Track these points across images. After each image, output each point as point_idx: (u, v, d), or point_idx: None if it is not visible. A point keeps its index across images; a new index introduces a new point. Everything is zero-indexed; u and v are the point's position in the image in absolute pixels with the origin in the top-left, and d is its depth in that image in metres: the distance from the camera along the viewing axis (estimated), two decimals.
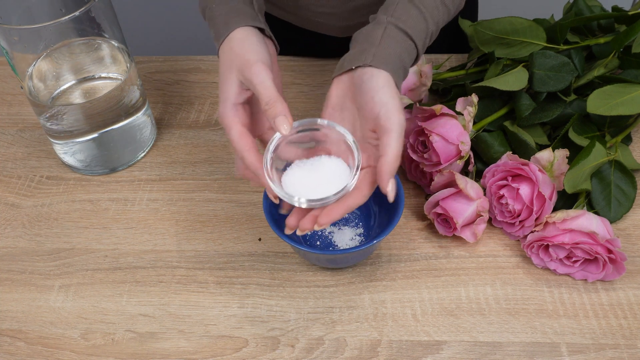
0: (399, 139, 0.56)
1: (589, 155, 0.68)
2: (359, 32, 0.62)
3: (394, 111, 0.56)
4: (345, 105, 0.60)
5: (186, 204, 0.78)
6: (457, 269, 0.70)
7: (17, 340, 0.66)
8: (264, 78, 0.58)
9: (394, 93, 0.57)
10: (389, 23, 0.60)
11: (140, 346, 0.65)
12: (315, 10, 0.86)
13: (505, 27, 0.78)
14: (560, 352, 0.63)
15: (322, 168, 0.59)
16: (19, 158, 0.84)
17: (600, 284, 0.68)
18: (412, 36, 0.60)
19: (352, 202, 0.58)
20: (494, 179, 0.70)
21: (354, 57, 0.59)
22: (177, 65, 0.95)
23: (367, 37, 0.60)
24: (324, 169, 0.59)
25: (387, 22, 0.60)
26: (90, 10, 0.69)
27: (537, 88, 0.74)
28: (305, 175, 0.59)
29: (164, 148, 0.84)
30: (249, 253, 0.72)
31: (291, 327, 0.66)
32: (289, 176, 0.59)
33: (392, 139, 0.56)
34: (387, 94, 0.57)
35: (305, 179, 0.58)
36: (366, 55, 0.59)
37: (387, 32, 0.60)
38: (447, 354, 0.63)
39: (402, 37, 0.60)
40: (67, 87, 0.77)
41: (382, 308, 0.67)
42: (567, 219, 0.66)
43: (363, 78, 0.58)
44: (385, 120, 0.56)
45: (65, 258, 0.73)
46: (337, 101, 0.61)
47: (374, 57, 0.58)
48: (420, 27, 0.61)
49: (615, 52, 0.76)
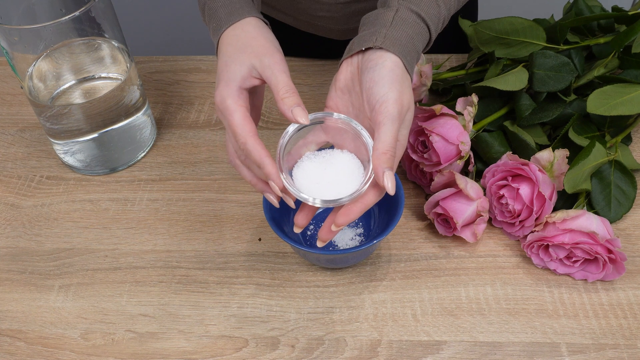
0: (390, 130, 0.54)
1: (589, 155, 0.69)
2: (368, 15, 0.60)
3: (390, 102, 0.54)
4: (354, 89, 0.58)
5: (186, 204, 0.78)
6: (457, 269, 0.70)
7: (17, 340, 0.66)
8: (285, 68, 0.57)
9: (396, 80, 0.55)
10: (401, 5, 0.58)
11: (140, 346, 0.65)
12: (315, 14, 0.86)
13: (505, 27, 0.78)
14: (560, 352, 0.63)
15: (334, 163, 0.56)
16: (19, 158, 0.84)
17: (600, 284, 0.68)
18: (426, 19, 0.58)
19: (369, 200, 0.55)
20: (494, 179, 0.70)
21: (364, 39, 0.57)
22: (177, 65, 0.95)
23: (377, 18, 0.58)
24: (336, 163, 0.56)
25: (399, 5, 0.58)
26: (90, 10, 0.69)
27: (537, 88, 0.74)
28: (317, 170, 0.56)
29: (164, 148, 0.84)
30: (249, 253, 0.72)
31: (291, 327, 0.66)
32: (300, 170, 0.56)
33: (382, 132, 0.54)
34: (387, 84, 0.55)
35: (317, 175, 0.56)
36: (377, 36, 0.56)
37: (399, 14, 0.58)
38: (447, 354, 0.63)
39: (415, 19, 0.58)
40: (67, 87, 0.77)
41: (382, 308, 0.67)
42: (567, 219, 0.66)
43: (368, 65, 0.56)
44: (378, 113, 0.54)
45: (65, 258, 0.73)
46: (345, 84, 0.59)
47: (385, 38, 0.56)
48: (433, 11, 0.59)
49: (615, 52, 0.76)
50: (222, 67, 0.59)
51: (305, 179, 0.56)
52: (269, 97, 0.89)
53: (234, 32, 0.60)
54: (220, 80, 0.58)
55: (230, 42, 0.59)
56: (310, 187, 0.55)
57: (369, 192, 0.56)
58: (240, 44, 0.58)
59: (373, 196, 0.56)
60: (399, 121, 0.55)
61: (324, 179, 0.56)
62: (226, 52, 0.59)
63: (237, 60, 0.58)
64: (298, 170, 0.57)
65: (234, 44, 0.59)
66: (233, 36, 0.59)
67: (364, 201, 0.55)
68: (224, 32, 0.60)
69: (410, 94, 0.56)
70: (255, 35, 0.59)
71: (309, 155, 0.57)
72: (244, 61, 0.58)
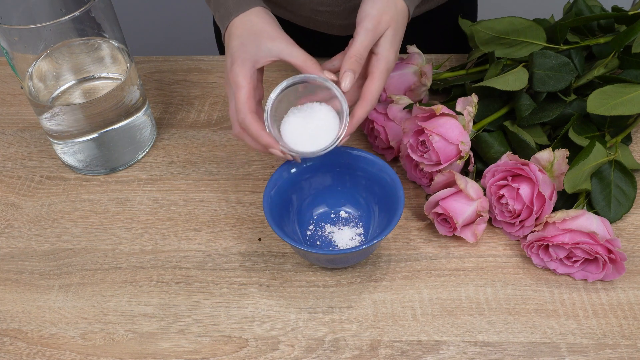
0: (361, 39, 0.63)
1: (589, 155, 0.68)
2: None
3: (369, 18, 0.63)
4: None
5: (186, 204, 0.78)
6: (457, 269, 0.70)
7: (17, 340, 0.66)
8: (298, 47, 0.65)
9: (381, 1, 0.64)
10: None
11: (140, 346, 0.65)
12: (316, 8, 0.86)
13: (505, 27, 0.78)
14: (560, 352, 0.63)
15: (315, 116, 0.65)
16: (19, 158, 0.84)
17: (600, 284, 0.68)
18: None
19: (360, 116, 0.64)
20: (494, 179, 0.70)
21: None
22: (177, 65, 0.95)
23: None
24: (317, 116, 0.65)
25: None
26: (90, 10, 0.69)
27: (537, 88, 0.74)
28: (301, 124, 0.65)
29: (164, 148, 0.84)
30: (249, 253, 0.72)
31: (291, 327, 0.66)
32: (286, 125, 0.65)
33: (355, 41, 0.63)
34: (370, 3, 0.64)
35: (301, 128, 0.65)
36: None
37: None
38: (447, 354, 0.63)
39: None
40: (67, 87, 0.77)
41: (382, 308, 0.67)
42: (567, 219, 0.66)
43: None
44: (357, 27, 0.64)
45: (65, 258, 0.73)
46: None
47: None
48: None
49: (615, 52, 0.76)
50: (237, 46, 0.65)
51: (292, 132, 0.65)
52: (268, 93, 0.89)
53: (248, 17, 0.66)
54: (237, 58, 0.65)
55: (244, 27, 0.66)
56: (296, 140, 0.65)
57: (357, 110, 0.65)
58: (256, 29, 0.65)
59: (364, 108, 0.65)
60: (373, 34, 0.63)
61: (308, 130, 0.65)
62: (241, 35, 0.65)
63: (254, 42, 0.65)
64: (285, 126, 0.65)
65: (249, 28, 0.66)
66: (247, 21, 0.66)
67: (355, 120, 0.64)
68: (235, 19, 0.66)
69: (392, 14, 0.64)
70: (269, 21, 0.66)
71: (293, 111, 0.66)
72: (261, 43, 0.64)
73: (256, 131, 0.64)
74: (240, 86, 0.64)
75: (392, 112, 0.77)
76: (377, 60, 0.65)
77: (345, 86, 0.63)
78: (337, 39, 0.90)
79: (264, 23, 0.66)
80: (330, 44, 0.90)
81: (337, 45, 0.84)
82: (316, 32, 0.92)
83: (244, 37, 0.65)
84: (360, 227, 0.73)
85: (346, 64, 0.63)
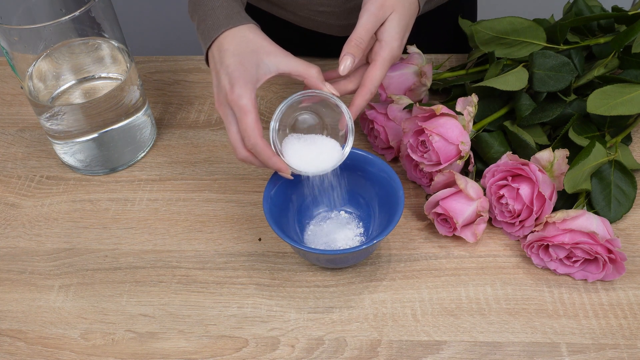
0: (363, 23, 0.62)
1: (589, 155, 0.68)
2: None
3: (372, 2, 0.62)
4: None
5: (186, 204, 0.78)
6: (457, 269, 0.70)
7: (17, 340, 0.66)
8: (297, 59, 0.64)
9: None
10: None
11: (140, 346, 0.65)
12: (315, 9, 0.86)
13: (505, 27, 0.78)
14: (560, 352, 0.63)
15: (316, 142, 0.66)
16: (19, 158, 0.84)
17: (600, 284, 0.68)
18: None
19: (360, 102, 0.64)
20: (494, 179, 0.70)
21: None
22: (177, 65, 0.95)
23: None
24: (318, 142, 0.66)
25: None
26: (90, 10, 0.69)
27: (537, 88, 0.74)
28: (304, 152, 0.66)
29: (164, 148, 0.84)
30: (249, 253, 0.72)
31: (291, 327, 0.66)
32: (289, 150, 0.66)
33: (357, 25, 0.63)
34: None
35: (305, 154, 0.65)
36: None
37: None
38: (447, 354, 0.63)
39: None
40: (67, 87, 0.77)
41: (382, 308, 0.67)
42: (567, 219, 0.66)
43: None
44: (361, 11, 0.63)
45: (65, 258, 0.73)
46: None
47: None
48: None
49: (615, 52, 0.76)
50: (235, 65, 0.62)
51: (295, 156, 0.65)
52: (268, 98, 0.89)
53: (241, 32, 0.64)
54: (238, 79, 0.62)
55: (239, 43, 0.63)
56: (300, 163, 0.65)
57: (356, 98, 0.64)
58: (254, 45, 0.63)
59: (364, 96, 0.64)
60: (376, 17, 0.62)
61: (311, 155, 0.65)
62: (239, 53, 0.63)
63: (253, 61, 0.62)
64: (287, 148, 0.66)
65: (245, 44, 0.63)
66: (242, 37, 0.64)
67: (355, 109, 0.64)
68: (227, 32, 0.64)
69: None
70: (264, 37, 0.64)
71: (292, 138, 0.66)
72: (260, 61, 0.62)
73: (268, 158, 0.63)
74: (246, 110, 0.61)
75: (392, 112, 0.77)
76: (380, 48, 0.64)
77: (342, 70, 0.62)
78: (336, 40, 0.90)
79: (260, 38, 0.64)
80: (330, 45, 0.90)
81: (337, 46, 0.84)
82: (315, 33, 0.92)
83: (242, 55, 0.62)
84: (360, 227, 0.73)
85: (346, 48, 0.62)
